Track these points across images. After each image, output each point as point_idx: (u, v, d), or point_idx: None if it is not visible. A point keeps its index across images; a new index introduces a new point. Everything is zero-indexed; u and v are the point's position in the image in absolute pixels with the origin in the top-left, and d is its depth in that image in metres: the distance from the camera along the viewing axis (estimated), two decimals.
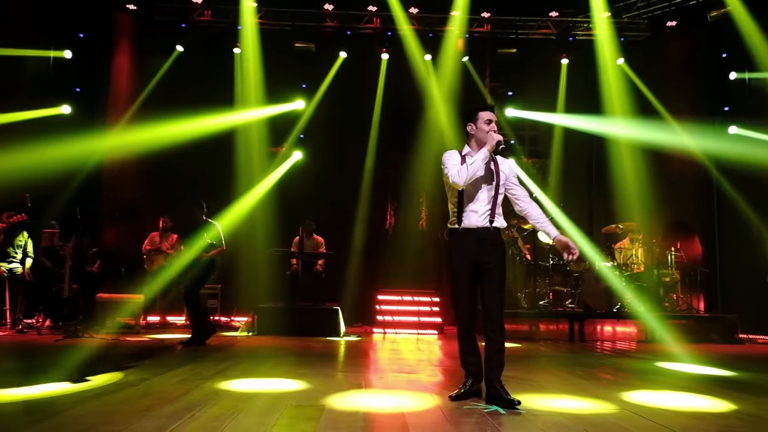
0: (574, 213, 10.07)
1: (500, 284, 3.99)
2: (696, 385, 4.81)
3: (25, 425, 3.05)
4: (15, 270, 8.33)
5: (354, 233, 10.81)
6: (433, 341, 8.40)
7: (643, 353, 7.25)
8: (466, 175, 3.89)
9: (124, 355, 6.00)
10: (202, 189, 10.09)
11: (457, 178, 3.91)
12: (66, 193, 9.43)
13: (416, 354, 6.75)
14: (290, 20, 11.08)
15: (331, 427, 3.12)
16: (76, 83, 10.08)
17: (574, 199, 10.56)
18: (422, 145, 10.89)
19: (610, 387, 4.58)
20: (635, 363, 6.36)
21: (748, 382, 5.19)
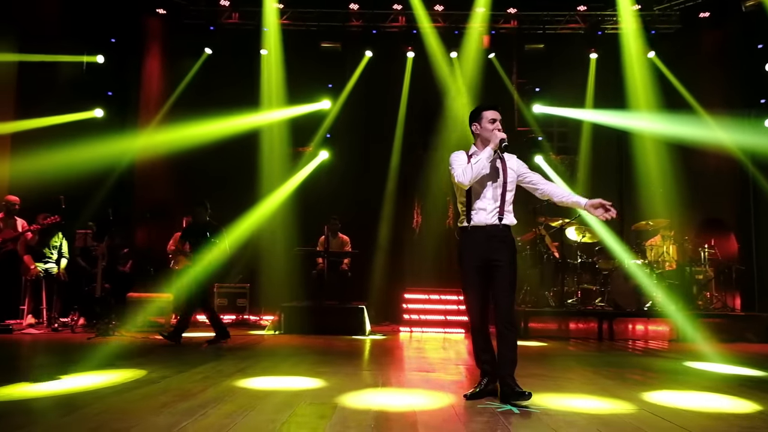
0: None
1: (511, 281, 3.96)
2: (723, 385, 4.69)
3: (43, 420, 3.14)
4: (51, 270, 8.56)
5: (380, 232, 10.84)
6: (460, 340, 8.36)
7: (673, 353, 7.10)
8: (470, 175, 3.89)
9: (151, 352, 6.14)
10: (229, 188, 10.31)
11: (462, 178, 3.91)
12: (99, 194, 9.71)
13: (440, 353, 6.73)
14: (316, 21, 11.16)
15: (341, 425, 3.14)
16: (109, 87, 10.34)
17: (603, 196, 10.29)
18: (448, 142, 10.86)
19: (633, 387, 4.50)
20: (663, 363, 6.23)
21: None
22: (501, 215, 4.02)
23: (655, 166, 9.81)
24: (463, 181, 3.92)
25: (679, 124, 9.68)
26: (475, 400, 3.90)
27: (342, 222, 9.95)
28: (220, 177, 10.41)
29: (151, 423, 3.11)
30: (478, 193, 4.05)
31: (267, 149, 10.76)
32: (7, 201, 7.90)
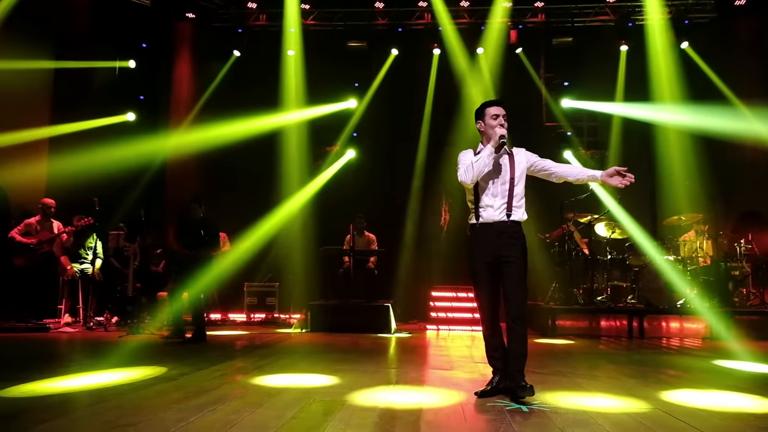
0: (635, 205, 9.70)
1: (521, 276, 3.93)
2: (751, 384, 4.54)
3: (61, 415, 3.24)
4: (86, 270, 8.82)
5: (407, 230, 10.84)
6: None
7: (705, 351, 6.90)
8: (471, 174, 3.89)
9: (175, 350, 6.27)
10: (257, 187, 10.48)
11: (464, 177, 3.93)
12: (132, 195, 9.96)
13: (462, 351, 6.69)
14: (342, 20, 11.21)
15: (344, 422, 3.16)
16: (140, 91, 10.59)
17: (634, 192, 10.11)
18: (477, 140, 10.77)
19: (654, 386, 4.39)
20: (692, 361, 6.06)
21: None
22: (509, 211, 3.99)
23: (687, 160, 9.56)
24: (465, 180, 3.94)
25: (713, 116, 9.40)
26: (486, 398, 3.87)
27: (368, 220, 10.00)
28: (248, 176, 10.59)
29: (160, 418, 3.18)
30: (485, 190, 4.03)
31: (294, 149, 10.87)
32: (43, 204, 8.17)
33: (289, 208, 10.36)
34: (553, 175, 4.13)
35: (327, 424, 3.11)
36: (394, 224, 10.77)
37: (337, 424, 3.13)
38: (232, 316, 10.38)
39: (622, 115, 10.40)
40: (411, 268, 10.75)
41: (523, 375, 3.81)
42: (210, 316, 9.99)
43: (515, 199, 4.02)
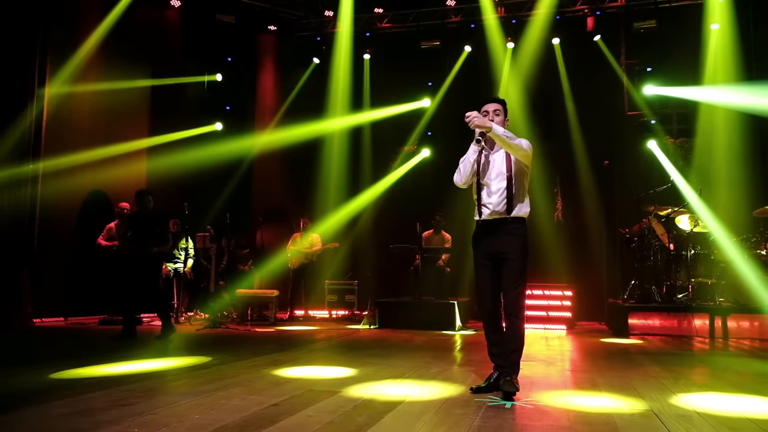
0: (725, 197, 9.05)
1: (519, 272, 3.92)
2: None
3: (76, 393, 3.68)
4: (179, 269, 9.62)
5: None
6: (556, 336, 8.08)
7: None
8: (458, 174, 3.97)
9: (235, 342, 6.74)
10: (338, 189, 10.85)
11: (456, 179, 3.97)
12: (220, 199, 10.70)
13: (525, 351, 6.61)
14: (415, 21, 11.34)
15: (317, 409, 3.34)
16: (227, 102, 11.35)
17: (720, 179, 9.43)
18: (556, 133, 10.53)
19: (670, 387, 4.17)
20: (754, 364, 5.60)
21: None
22: (510, 208, 3.97)
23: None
24: (457, 181, 4.03)
25: None
26: (481, 393, 3.88)
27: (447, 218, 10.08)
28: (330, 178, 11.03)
29: (161, 401, 3.53)
30: (486, 188, 4.05)
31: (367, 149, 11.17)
32: (119, 208, 8.98)
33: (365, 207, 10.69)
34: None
35: (300, 411, 3.30)
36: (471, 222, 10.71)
37: (308, 410, 3.32)
38: (313, 313, 10.86)
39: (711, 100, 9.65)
40: None
41: (514, 370, 3.80)
42: (295, 313, 10.54)
43: (516, 195, 4.00)
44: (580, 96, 10.45)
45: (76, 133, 9.29)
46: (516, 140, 3.85)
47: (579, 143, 10.41)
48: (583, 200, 10.32)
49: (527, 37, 10.68)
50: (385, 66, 11.39)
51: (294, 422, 3.09)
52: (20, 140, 8.07)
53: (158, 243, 7.17)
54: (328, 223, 10.56)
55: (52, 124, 8.82)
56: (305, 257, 10.38)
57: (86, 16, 9.41)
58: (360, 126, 11.21)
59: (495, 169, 4.02)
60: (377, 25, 11.57)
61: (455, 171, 4.11)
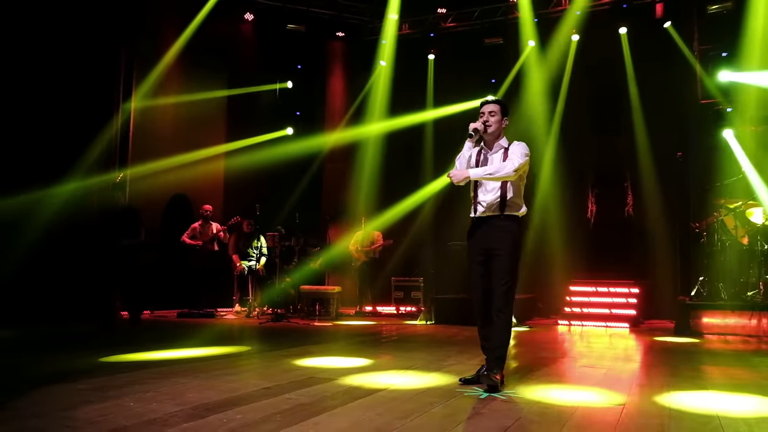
0: None
1: (508, 269, 4.00)
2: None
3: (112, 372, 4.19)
4: (252, 267, 10.26)
5: (552, 223, 10.59)
6: (617, 334, 7.87)
7: None
8: (453, 173, 4.03)
9: (284, 334, 7.18)
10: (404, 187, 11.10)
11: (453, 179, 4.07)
12: (291, 201, 11.27)
13: (553, 346, 6.59)
14: (479, 18, 11.36)
15: (300, 393, 3.64)
16: (297, 107, 11.93)
17: None
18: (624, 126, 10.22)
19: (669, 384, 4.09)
20: None
21: None
22: (503, 206, 4.07)
23: None
24: (453, 181, 4.09)
25: None
26: (468, 385, 4.00)
27: None
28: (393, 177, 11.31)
29: (170, 381, 3.96)
30: (481, 186, 4.15)
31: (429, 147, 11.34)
32: (203, 209, 9.72)
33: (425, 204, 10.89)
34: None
35: (284, 394, 3.61)
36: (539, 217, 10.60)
37: (292, 393, 3.62)
38: (381, 309, 11.17)
39: None
40: (556, 263, 10.50)
41: (497, 364, 3.89)
42: (365, 308, 10.93)
43: (509, 193, 4.08)
44: (649, 86, 10.04)
45: (159, 141, 10.15)
46: (501, 172, 3.94)
47: (650, 136, 10.01)
48: (656, 194, 9.91)
49: (592, 29, 10.39)
50: (449, 65, 11.49)
51: (269, 402, 3.39)
52: (107, 148, 8.97)
53: (129, 236, 7.29)
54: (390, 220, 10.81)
55: (138, 134, 9.72)
56: (366, 255, 10.72)
57: (167, 30, 10.23)
58: (423, 124, 11.39)
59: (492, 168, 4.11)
60: (441, 25, 11.69)
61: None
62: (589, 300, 9.45)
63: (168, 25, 10.28)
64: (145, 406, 3.28)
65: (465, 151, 4.10)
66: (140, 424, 2.94)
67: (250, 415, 3.11)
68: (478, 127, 4.03)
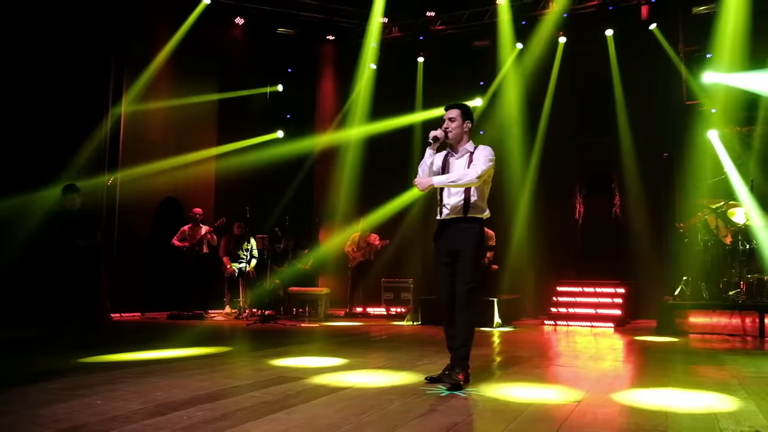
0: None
1: (470, 269, 4.09)
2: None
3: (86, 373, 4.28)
4: (243, 269, 10.34)
5: (539, 224, 10.67)
6: (601, 333, 7.95)
7: None
8: (417, 180, 4.15)
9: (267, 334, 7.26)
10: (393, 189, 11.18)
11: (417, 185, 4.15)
12: (282, 203, 11.36)
13: (531, 345, 6.67)
14: (467, 21, 11.45)
15: (268, 391, 3.72)
16: (288, 110, 12.03)
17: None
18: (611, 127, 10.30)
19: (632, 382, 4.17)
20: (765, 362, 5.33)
21: None
22: (467, 208, 4.15)
23: None
24: (417, 187, 4.18)
25: None
26: (433, 383, 4.08)
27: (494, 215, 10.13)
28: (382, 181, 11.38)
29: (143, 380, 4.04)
30: (445, 189, 4.24)
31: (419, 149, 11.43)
32: (193, 213, 9.81)
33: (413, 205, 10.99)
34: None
35: (251, 392, 3.70)
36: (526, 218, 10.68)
37: (258, 392, 3.70)
38: (371, 310, 11.27)
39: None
40: (544, 264, 10.59)
41: (459, 363, 3.96)
42: (355, 309, 11.03)
43: (473, 197, 4.16)
44: (635, 88, 10.12)
45: (150, 145, 10.23)
46: (464, 179, 4.04)
47: (636, 136, 10.10)
48: (642, 195, 9.99)
49: (579, 31, 10.49)
50: (439, 68, 11.59)
51: (233, 400, 3.48)
52: (96, 152, 9.06)
53: (84, 238, 7.08)
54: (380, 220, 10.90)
55: (129, 137, 9.80)
56: (363, 256, 10.81)
57: (158, 35, 10.29)
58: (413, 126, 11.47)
59: (456, 172, 4.20)
60: (430, 28, 11.78)
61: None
62: (576, 300, 9.52)
63: (160, 29, 10.36)
64: (111, 404, 3.37)
65: (426, 158, 4.19)
66: (102, 420, 3.02)
67: (210, 412, 3.20)
68: (438, 135, 4.12)
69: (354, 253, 10.87)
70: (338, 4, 11.90)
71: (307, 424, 2.97)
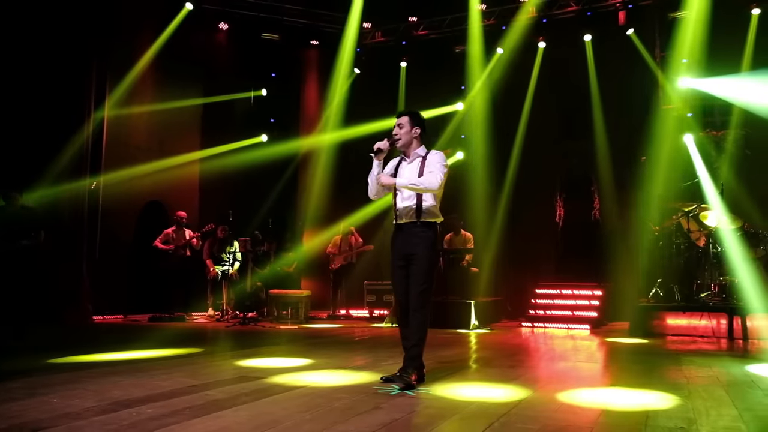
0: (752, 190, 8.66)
1: (423, 272, 4.18)
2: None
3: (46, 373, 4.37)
4: (226, 271, 10.42)
5: (522, 227, 10.79)
6: (575, 335, 8.08)
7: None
8: (369, 189, 4.29)
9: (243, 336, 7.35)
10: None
11: (369, 193, 4.27)
12: (266, 206, 11.45)
13: (499, 347, 6.76)
14: (449, 27, 11.57)
15: (223, 390, 3.82)
16: (272, 114, 12.15)
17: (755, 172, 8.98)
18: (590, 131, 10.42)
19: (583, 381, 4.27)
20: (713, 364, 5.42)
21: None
22: (419, 213, 4.26)
23: None
24: (369, 194, 4.30)
25: None
26: (388, 383, 4.17)
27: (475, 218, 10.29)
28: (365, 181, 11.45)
29: (104, 380, 4.13)
30: (399, 194, 4.35)
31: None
32: (177, 216, 9.91)
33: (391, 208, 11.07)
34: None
35: (206, 390, 3.79)
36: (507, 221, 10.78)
37: (214, 390, 3.81)
38: (354, 312, 11.36)
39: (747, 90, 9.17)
40: (524, 266, 10.72)
41: (410, 363, 4.06)
42: (339, 311, 11.12)
43: (425, 202, 4.26)
44: (614, 92, 10.24)
45: (134, 149, 10.36)
46: (424, 184, 4.15)
47: (615, 141, 10.23)
48: (621, 198, 10.12)
49: (558, 36, 10.64)
50: (421, 72, 11.72)
51: (186, 398, 3.58)
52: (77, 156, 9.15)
53: (28, 238, 7.01)
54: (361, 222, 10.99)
55: (112, 141, 9.89)
56: (344, 259, 10.90)
57: (142, 40, 10.41)
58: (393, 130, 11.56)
59: (409, 178, 4.30)
60: (413, 33, 11.91)
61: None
62: (554, 302, 9.64)
63: (143, 34, 10.47)
64: (67, 402, 3.46)
65: (374, 169, 4.30)
66: (53, 417, 3.12)
67: (161, 409, 3.29)
68: (381, 146, 4.23)
69: (335, 255, 10.95)
70: (322, 10, 12.01)
71: (249, 421, 3.07)
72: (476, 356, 5.92)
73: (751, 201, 8.74)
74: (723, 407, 3.42)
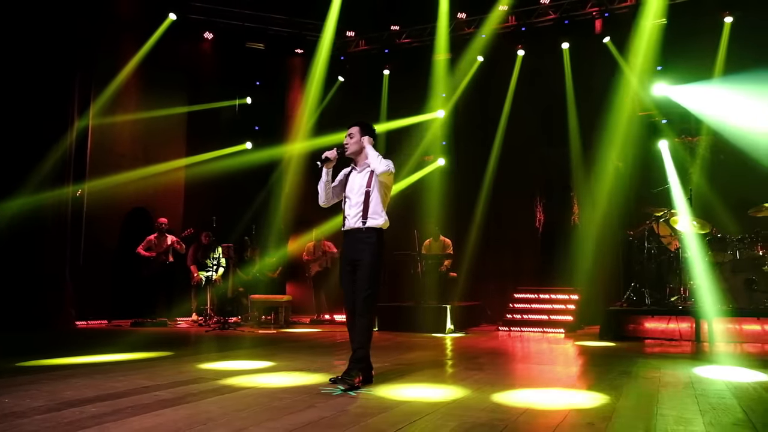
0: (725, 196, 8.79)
1: (369, 277, 4.31)
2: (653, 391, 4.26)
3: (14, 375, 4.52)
4: (210, 277, 10.57)
5: (502, 232, 10.93)
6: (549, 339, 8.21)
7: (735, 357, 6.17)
8: (319, 197, 4.49)
9: (218, 341, 7.49)
10: None
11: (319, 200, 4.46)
12: (249, 213, 11.62)
13: (464, 351, 6.89)
14: (430, 35, 11.74)
15: (174, 391, 3.96)
16: (256, 122, 12.33)
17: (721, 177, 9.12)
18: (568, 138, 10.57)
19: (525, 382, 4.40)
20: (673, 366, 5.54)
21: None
22: (365, 219, 4.41)
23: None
24: (320, 202, 4.47)
25: None
26: (334, 384, 4.29)
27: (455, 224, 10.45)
28: None
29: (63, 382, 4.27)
30: (347, 201, 4.51)
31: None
32: (158, 223, 10.07)
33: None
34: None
35: (157, 391, 3.94)
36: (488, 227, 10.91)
37: (165, 391, 3.95)
38: (337, 317, 11.47)
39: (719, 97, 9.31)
40: (505, 271, 10.86)
41: (356, 364, 4.20)
42: (324, 316, 11.24)
43: (371, 208, 4.41)
44: (591, 99, 10.38)
45: (119, 157, 10.51)
46: (384, 162, 4.34)
47: (593, 147, 10.36)
48: (599, 203, 10.25)
49: (536, 44, 10.80)
50: (403, 80, 11.89)
51: (134, 398, 3.72)
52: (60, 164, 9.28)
53: None
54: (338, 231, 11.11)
55: (97, 149, 10.05)
56: (320, 266, 11.04)
57: (126, 49, 10.57)
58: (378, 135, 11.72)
59: (357, 184, 4.47)
60: (396, 42, 12.07)
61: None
62: (531, 306, 9.76)
63: (127, 44, 10.63)
64: (17, 402, 3.61)
65: (323, 176, 4.46)
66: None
67: (104, 408, 3.44)
68: (329, 155, 4.39)
69: (310, 262, 11.08)
70: (306, 19, 12.19)
71: (187, 418, 3.21)
72: (438, 359, 6.05)
73: (724, 206, 8.86)
74: (642, 408, 3.55)
